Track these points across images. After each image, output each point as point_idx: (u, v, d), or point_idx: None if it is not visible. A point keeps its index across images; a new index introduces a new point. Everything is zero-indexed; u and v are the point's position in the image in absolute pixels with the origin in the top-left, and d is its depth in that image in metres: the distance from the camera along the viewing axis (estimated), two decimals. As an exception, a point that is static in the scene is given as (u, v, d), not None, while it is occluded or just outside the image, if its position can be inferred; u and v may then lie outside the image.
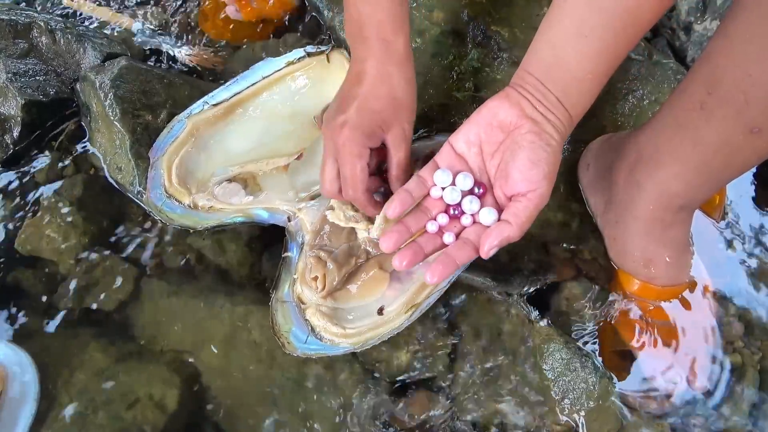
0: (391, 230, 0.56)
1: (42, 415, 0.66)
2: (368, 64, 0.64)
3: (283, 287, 0.70)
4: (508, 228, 0.54)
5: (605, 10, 0.54)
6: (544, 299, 0.75)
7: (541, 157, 0.55)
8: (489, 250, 0.54)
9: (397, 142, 0.63)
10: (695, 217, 0.73)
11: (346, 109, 0.62)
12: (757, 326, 0.74)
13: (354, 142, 0.60)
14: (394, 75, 0.63)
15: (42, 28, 0.85)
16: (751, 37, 0.52)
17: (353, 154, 0.60)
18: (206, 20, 0.97)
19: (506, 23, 0.83)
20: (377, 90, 0.63)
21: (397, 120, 0.63)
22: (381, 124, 0.62)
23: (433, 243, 0.57)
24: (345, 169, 0.61)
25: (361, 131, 0.61)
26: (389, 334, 0.64)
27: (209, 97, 0.79)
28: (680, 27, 0.90)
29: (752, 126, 0.56)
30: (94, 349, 0.71)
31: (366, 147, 0.61)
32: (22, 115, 0.81)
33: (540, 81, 0.57)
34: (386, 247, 0.55)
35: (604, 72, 0.57)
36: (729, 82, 0.55)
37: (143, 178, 0.76)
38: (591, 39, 0.55)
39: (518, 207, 0.55)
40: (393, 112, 0.63)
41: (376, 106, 0.62)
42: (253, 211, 0.73)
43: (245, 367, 0.71)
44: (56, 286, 0.75)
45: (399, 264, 0.55)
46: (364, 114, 0.62)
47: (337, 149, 0.61)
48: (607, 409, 0.67)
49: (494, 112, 0.57)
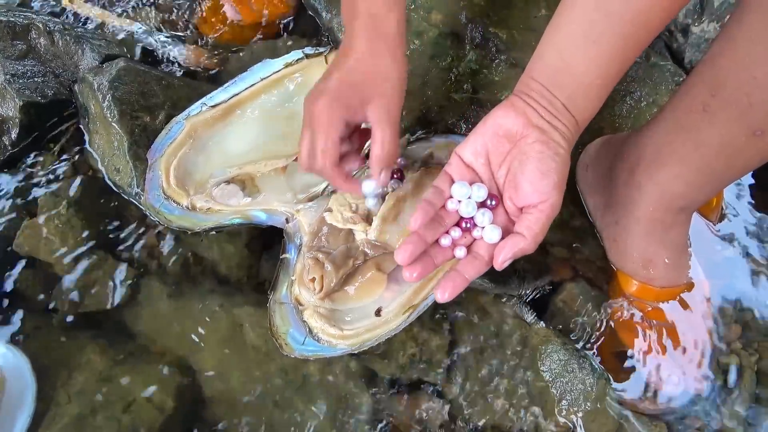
0: (406, 242, 0.54)
1: (39, 416, 0.66)
2: (355, 39, 0.62)
3: (280, 289, 0.70)
4: (523, 240, 0.54)
5: (614, 14, 0.53)
6: (542, 300, 0.75)
7: (551, 167, 0.54)
8: (503, 262, 0.54)
9: (380, 119, 0.60)
10: (693, 219, 0.73)
11: (326, 79, 0.61)
12: (755, 327, 0.74)
13: (329, 111, 0.59)
14: (381, 51, 0.62)
15: (40, 30, 0.85)
16: (755, 40, 0.52)
17: (326, 123, 0.59)
18: (205, 22, 0.97)
19: (504, 25, 0.83)
20: (361, 65, 0.61)
21: (379, 97, 0.60)
22: (361, 97, 0.60)
23: (443, 255, 0.56)
24: (317, 138, 0.60)
25: (338, 102, 0.59)
26: (387, 335, 0.64)
27: (207, 98, 0.79)
28: (678, 29, 0.90)
29: (755, 128, 0.56)
30: (91, 351, 0.70)
31: (341, 119, 0.59)
32: (20, 116, 0.81)
33: (546, 87, 0.56)
34: (402, 259, 0.53)
35: (612, 77, 0.56)
36: (733, 84, 0.55)
37: (141, 179, 0.76)
38: (600, 44, 0.54)
39: (530, 219, 0.54)
40: (375, 87, 0.61)
41: (356, 79, 0.61)
42: (251, 213, 0.73)
43: (243, 368, 0.71)
44: (54, 287, 0.75)
45: (409, 276, 0.54)
46: (343, 86, 0.60)
47: (311, 118, 0.60)
48: (604, 411, 0.67)
49: (500, 122, 0.56)
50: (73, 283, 0.75)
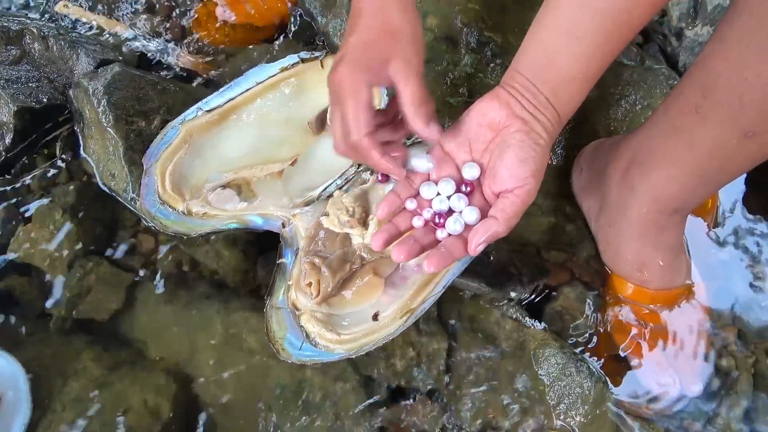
0: (380, 229, 0.57)
1: (35, 424, 0.66)
2: (362, 1, 0.60)
3: (277, 294, 0.69)
4: (495, 223, 0.55)
5: (599, 11, 0.54)
6: (539, 304, 0.75)
7: (529, 155, 0.55)
8: (476, 246, 0.55)
9: (403, 75, 0.57)
10: (688, 222, 0.73)
11: (342, 47, 0.59)
12: (751, 330, 0.75)
13: (351, 78, 0.56)
14: (388, 5, 0.59)
15: (35, 35, 0.85)
16: (747, 41, 0.52)
17: (351, 91, 0.56)
18: (200, 25, 0.97)
19: (500, 29, 0.83)
20: (371, 22, 0.59)
21: (397, 51, 0.57)
22: (379, 56, 0.57)
23: (428, 237, 0.58)
24: (345, 109, 0.56)
25: (358, 66, 0.56)
26: (384, 339, 0.64)
27: (203, 103, 0.78)
28: (672, 33, 0.91)
29: (747, 130, 0.56)
30: (87, 357, 0.70)
31: (365, 83, 0.56)
32: (14, 121, 0.80)
33: (530, 81, 0.57)
34: (376, 245, 0.57)
35: (594, 73, 0.57)
36: (724, 85, 0.56)
37: (137, 184, 0.76)
38: (584, 40, 0.55)
39: (505, 203, 0.55)
40: (391, 43, 0.58)
41: (370, 37, 0.58)
42: (248, 218, 0.73)
43: (240, 374, 0.70)
44: (48, 294, 0.74)
45: (397, 256, 0.55)
46: (358, 48, 0.58)
47: (335, 90, 0.57)
48: (602, 414, 0.67)
49: (484, 112, 0.58)
50: (68, 290, 0.74)
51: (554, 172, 0.80)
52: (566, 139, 0.81)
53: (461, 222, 0.57)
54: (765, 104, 0.54)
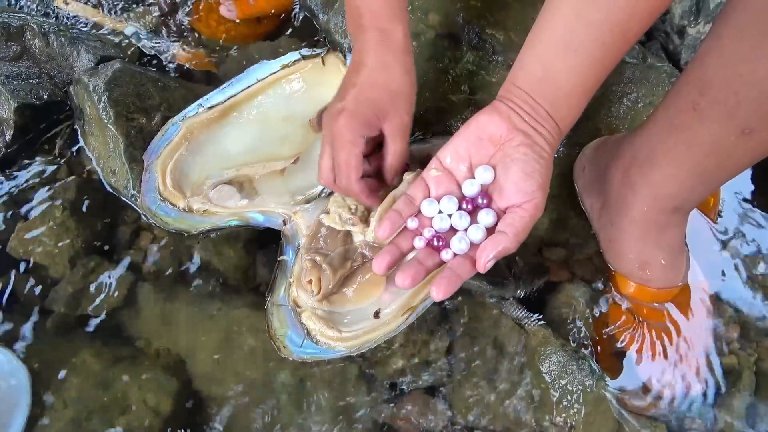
0: (382, 252, 0.56)
1: (35, 420, 0.66)
2: (366, 54, 0.64)
3: (278, 291, 0.69)
4: (504, 239, 0.54)
5: (594, 24, 0.53)
6: (540, 302, 0.75)
7: (535, 169, 0.55)
8: (485, 263, 0.54)
9: (395, 132, 0.63)
10: (690, 219, 0.73)
11: (344, 97, 0.63)
12: (753, 328, 0.74)
13: (349, 129, 0.60)
14: (392, 65, 0.64)
15: (35, 31, 0.85)
16: (741, 37, 0.52)
17: (347, 141, 0.60)
18: (200, 21, 0.96)
19: (501, 26, 0.83)
20: (374, 79, 0.63)
21: (394, 109, 0.63)
22: (377, 112, 0.62)
23: (432, 259, 0.57)
24: (339, 156, 0.61)
25: (357, 119, 0.61)
26: (386, 337, 0.64)
27: (204, 99, 0.78)
28: (674, 30, 0.90)
29: (744, 126, 0.56)
30: (87, 354, 0.70)
31: (361, 135, 0.61)
32: (14, 118, 0.80)
33: (529, 94, 0.56)
34: (378, 269, 0.55)
35: (592, 85, 0.57)
36: (720, 82, 0.55)
37: (137, 181, 0.76)
38: (580, 53, 0.54)
39: (513, 217, 0.55)
40: (390, 101, 0.63)
41: (372, 95, 0.62)
42: (249, 215, 0.73)
43: (240, 371, 0.70)
44: (48, 290, 0.74)
45: (402, 282, 0.54)
46: (360, 102, 0.62)
47: (333, 137, 0.62)
48: (604, 412, 0.67)
49: (483, 126, 0.57)
50: (68, 286, 0.74)
51: (555, 170, 0.79)
52: (568, 137, 0.80)
53: (466, 240, 0.56)
54: (761, 101, 0.53)
